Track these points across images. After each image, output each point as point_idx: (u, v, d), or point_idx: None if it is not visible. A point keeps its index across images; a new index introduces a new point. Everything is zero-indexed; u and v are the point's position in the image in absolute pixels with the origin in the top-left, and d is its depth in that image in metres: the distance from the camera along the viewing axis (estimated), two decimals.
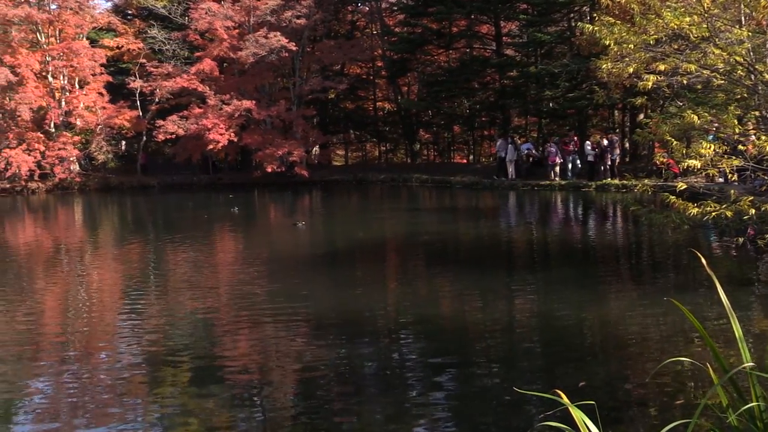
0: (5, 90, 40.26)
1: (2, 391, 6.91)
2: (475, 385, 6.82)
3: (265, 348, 8.08)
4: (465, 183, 32.70)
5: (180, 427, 6.05)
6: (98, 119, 42.99)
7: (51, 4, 42.54)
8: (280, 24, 39.19)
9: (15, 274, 14.40)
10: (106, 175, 44.09)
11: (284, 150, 38.87)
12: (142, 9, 47.23)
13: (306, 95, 42.22)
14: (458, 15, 39.17)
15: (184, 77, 40.21)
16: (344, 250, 16.08)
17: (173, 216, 27.06)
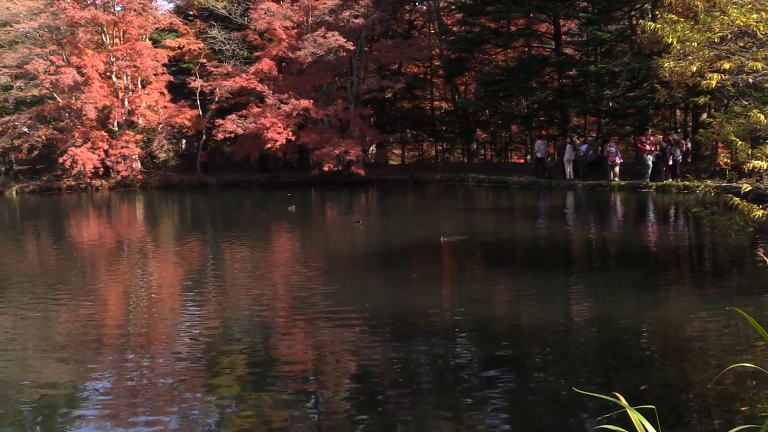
0: (72, 90, 41.30)
1: (65, 383, 7.09)
2: (532, 385, 6.76)
3: (321, 345, 8.13)
4: (522, 183, 32.42)
5: (236, 422, 6.12)
6: (160, 118, 43.83)
7: (116, 6, 43.49)
8: (338, 24, 39.38)
9: (79, 268, 14.77)
10: (166, 173, 44.89)
11: (341, 149, 39.06)
12: (203, 10, 47.94)
13: (363, 94, 42.35)
14: (517, 14, 38.83)
15: (244, 77, 40.70)
16: (400, 249, 16.08)
17: (232, 214, 27.42)
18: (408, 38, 45.99)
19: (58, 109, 43.02)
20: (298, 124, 40.56)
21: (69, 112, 42.73)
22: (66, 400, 6.64)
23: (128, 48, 42.74)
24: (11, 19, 42.26)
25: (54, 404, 6.51)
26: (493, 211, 25.14)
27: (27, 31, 43.11)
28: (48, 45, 42.83)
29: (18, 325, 9.52)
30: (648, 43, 23.91)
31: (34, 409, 6.43)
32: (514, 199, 28.04)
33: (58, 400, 6.62)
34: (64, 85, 40.40)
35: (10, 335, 9.04)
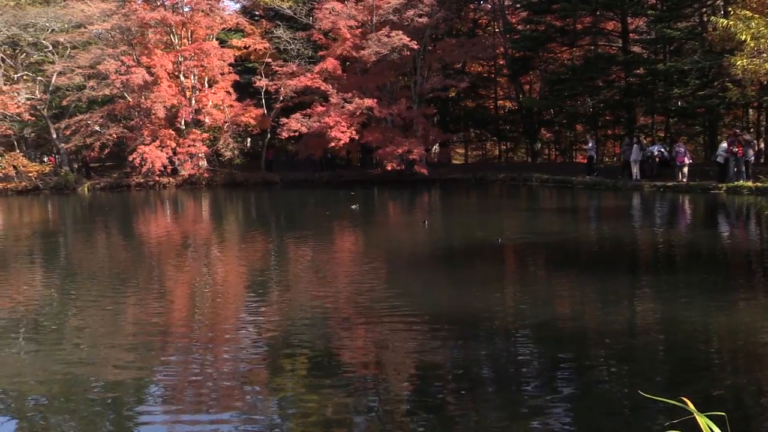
0: (141, 89, 42.24)
1: (132, 376, 7.25)
2: (595, 388, 6.65)
3: (382, 344, 8.13)
4: (587, 183, 31.98)
5: (297, 417, 6.17)
6: (225, 117, 44.53)
7: (184, 7, 44.33)
8: (402, 23, 39.41)
9: (147, 264, 15.10)
10: (231, 171, 45.60)
11: (404, 148, 39.09)
12: (268, 10, 48.53)
13: (427, 93, 42.31)
14: (583, 12, 38.28)
15: (308, 76, 41.06)
16: (462, 249, 16.01)
17: (295, 212, 27.67)
18: (472, 37, 45.76)
19: (129, 108, 44.09)
20: (361, 123, 40.72)
21: (139, 111, 43.74)
22: (132, 394, 6.79)
23: (196, 48, 43.52)
24: (85, 20, 43.47)
25: (121, 398, 6.66)
26: (556, 211, 24.84)
27: (99, 33, 44.28)
28: (119, 45, 43.93)
29: (88, 319, 9.77)
30: (719, 40, 23.34)
31: (103, 402, 6.59)
32: (578, 200, 27.65)
33: (125, 394, 6.77)
34: (134, 84, 41.38)
35: (80, 329, 9.28)
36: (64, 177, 46.08)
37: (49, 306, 10.69)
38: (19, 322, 9.57)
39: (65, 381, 7.09)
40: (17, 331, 9.13)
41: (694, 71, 31.51)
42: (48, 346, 8.38)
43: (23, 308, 10.51)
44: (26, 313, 10.12)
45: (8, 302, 11.07)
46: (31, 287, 12.60)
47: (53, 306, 10.70)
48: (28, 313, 10.16)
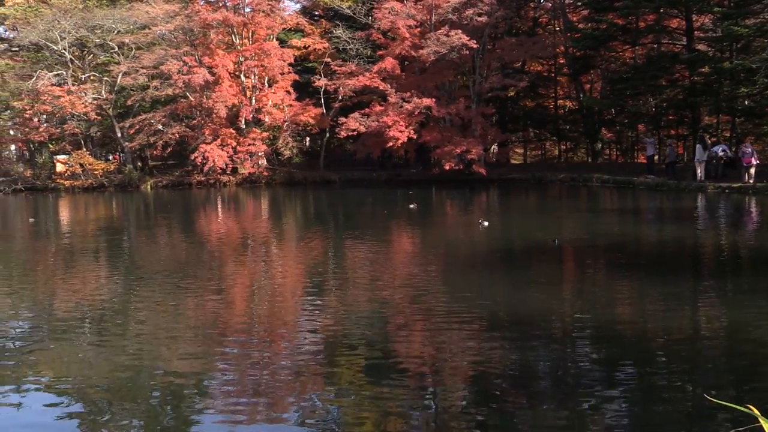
0: (203, 89, 42.94)
1: (192, 372, 7.37)
2: (656, 393, 6.52)
3: (439, 344, 8.11)
4: (649, 184, 31.42)
5: (354, 416, 6.19)
6: (285, 116, 45.00)
7: (245, 8, 44.90)
8: (462, 22, 39.27)
9: (207, 261, 15.33)
10: (290, 170, 46.08)
11: (462, 148, 38.97)
12: (328, 10, 48.86)
13: (485, 93, 42.09)
14: (646, 9, 37.56)
15: (367, 75, 41.22)
16: (521, 250, 15.87)
17: (353, 211, 27.79)
18: (532, 36, 45.34)
19: (191, 107, 44.87)
20: (419, 122, 40.74)
21: (200, 111, 44.49)
22: (192, 388, 6.89)
23: (256, 48, 44.06)
24: (149, 22, 44.39)
25: (181, 393, 6.77)
26: (617, 212, 24.44)
27: (163, 34, 45.16)
28: (182, 46, 44.76)
29: (150, 315, 9.96)
30: None
31: (164, 396, 6.71)
32: (640, 201, 27.17)
33: (185, 388, 6.88)
34: (196, 84, 42.08)
35: (143, 324, 9.47)
36: (128, 175, 47.14)
37: (113, 302, 10.93)
38: (84, 318, 9.81)
39: (128, 375, 7.25)
40: (82, 326, 9.36)
41: (762, 69, 30.67)
42: (111, 341, 8.57)
43: (88, 304, 10.78)
44: (91, 309, 10.37)
45: (74, 298, 11.36)
46: (95, 283, 12.90)
47: (117, 302, 10.94)
48: (93, 308, 10.41)
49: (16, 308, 10.70)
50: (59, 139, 50.02)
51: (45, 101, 45.08)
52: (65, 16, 44.83)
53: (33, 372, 7.46)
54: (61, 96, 44.59)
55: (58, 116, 47.28)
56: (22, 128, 50.37)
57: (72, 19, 44.75)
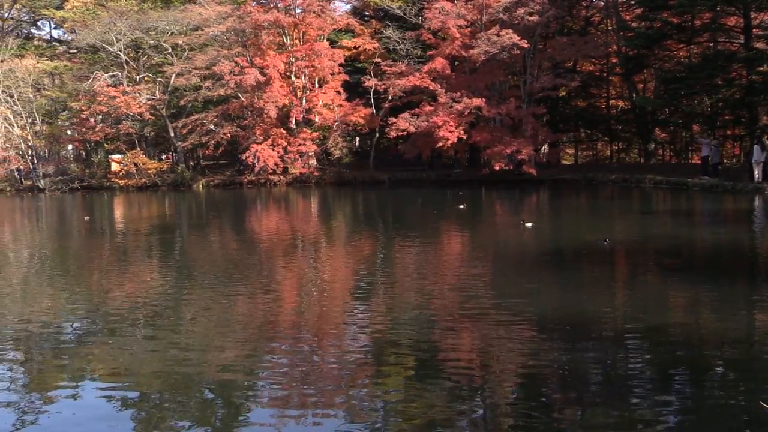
0: (254, 89, 43.39)
1: (242, 369, 7.45)
2: (710, 398, 6.39)
3: (487, 346, 8.07)
4: (703, 185, 30.82)
5: (401, 415, 6.19)
6: (335, 116, 45.22)
7: (296, 9, 45.23)
8: (512, 21, 39.02)
9: (258, 259, 15.49)
10: (340, 170, 46.30)
11: (513, 148, 38.71)
12: (378, 10, 48.96)
13: (536, 93, 41.74)
14: (702, 7, 36.75)
15: (417, 76, 41.19)
16: (571, 251, 15.70)
17: (402, 211, 27.80)
18: (584, 35, 44.79)
19: (242, 107, 45.38)
20: (469, 122, 40.58)
21: (251, 111, 44.98)
22: (242, 386, 6.97)
23: (307, 48, 44.35)
24: (202, 23, 45.03)
25: (231, 388, 6.86)
26: (670, 214, 24.02)
27: (215, 35, 45.75)
28: (234, 47, 45.30)
29: (201, 311, 10.11)
30: None
31: (214, 391, 6.80)
32: (694, 202, 26.68)
33: (234, 385, 6.96)
34: (248, 85, 42.53)
35: (194, 321, 9.61)
36: (181, 174, 47.88)
37: (165, 299, 11.12)
38: (137, 314, 9.99)
39: (179, 372, 7.36)
40: (135, 322, 9.53)
41: None
42: (164, 338, 8.71)
43: (141, 301, 10.97)
44: (144, 306, 10.56)
45: (127, 295, 11.58)
46: (148, 281, 13.13)
47: (169, 299, 11.12)
48: (146, 305, 10.60)
49: (72, 304, 10.95)
50: (114, 138, 51.05)
51: (101, 102, 46.04)
52: (121, 18, 45.72)
53: (88, 367, 7.63)
54: (117, 96, 45.49)
55: (113, 116, 48.24)
56: (79, 128, 51.50)
57: (127, 21, 45.63)
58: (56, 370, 7.63)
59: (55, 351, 8.35)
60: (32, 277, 13.90)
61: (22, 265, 15.53)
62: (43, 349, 8.41)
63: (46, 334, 9.00)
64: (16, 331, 9.19)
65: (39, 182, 49.75)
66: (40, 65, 52.14)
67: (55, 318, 9.94)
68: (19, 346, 8.55)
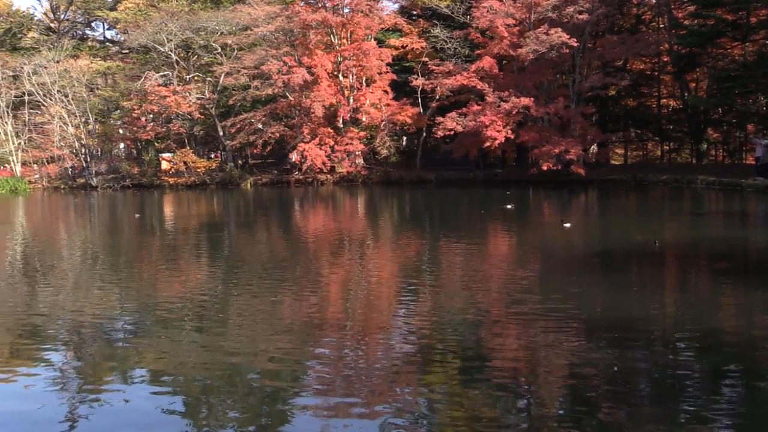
0: (302, 89, 43.67)
1: (288, 365, 7.49)
2: (761, 403, 6.25)
3: (534, 346, 7.99)
4: (758, 186, 30.14)
5: (446, 414, 6.17)
6: (382, 116, 45.25)
7: (344, 8, 45.38)
8: (561, 20, 38.66)
9: (305, 257, 15.57)
10: (387, 169, 46.32)
11: (561, 148, 38.35)
12: (426, 9, 48.87)
13: (585, 92, 41.29)
14: (758, 4, 35.98)
15: (464, 75, 41.05)
16: (620, 252, 15.47)
17: (449, 211, 27.71)
18: (635, 33, 44.15)
19: (290, 106, 45.70)
20: (517, 122, 40.30)
21: (299, 110, 45.27)
22: (288, 381, 7.01)
23: (355, 48, 44.46)
24: (251, 23, 45.49)
25: (278, 385, 6.89)
26: (723, 215, 23.56)
27: (264, 35, 46.15)
28: (282, 47, 45.65)
29: (249, 308, 10.19)
30: None
31: (261, 388, 6.85)
32: (747, 203, 26.11)
33: (281, 381, 7.00)
34: (295, 84, 42.82)
35: (242, 317, 9.70)
36: (229, 173, 48.41)
37: (213, 296, 11.24)
38: (186, 311, 10.11)
39: (226, 367, 7.43)
40: (184, 319, 9.64)
41: None
42: (211, 335, 8.80)
43: (190, 298, 11.10)
44: (192, 303, 10.68)
45: (176, 292, 11.73)
46: (197, 278, 13.29)
47: (217, 296, 11.24)
48: (194, 302, 10.72)
49: (123, 301, 11.14)
50: (164, 137, 51.84)
51: (152, 101, 46.79)
52: (172, 18, 46.39)
53: (138, 362, 7.74)
54: (167, 96, 46.18)
55: (163, 115, 48.95)
56: (130, 127, 52.39)
57: (178, 22, 46.28)
58: (107, 363, 7.76)
59: (106, 345, 8.51)
60: (85, 273, 14.16)
61: (75, 262, 15.84)
62: (94, 343, 8.57)
63: (97, 329, 9.16)
64: (69, 326, 9.37)
65: (91, 180, 50.72)
66: (93, 65, 53.26)
67: (106, 313, 10.11)
68: (71, 340, 8.72)
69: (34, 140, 53.61)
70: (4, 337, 9.03)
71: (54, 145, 52.09)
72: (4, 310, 10.53)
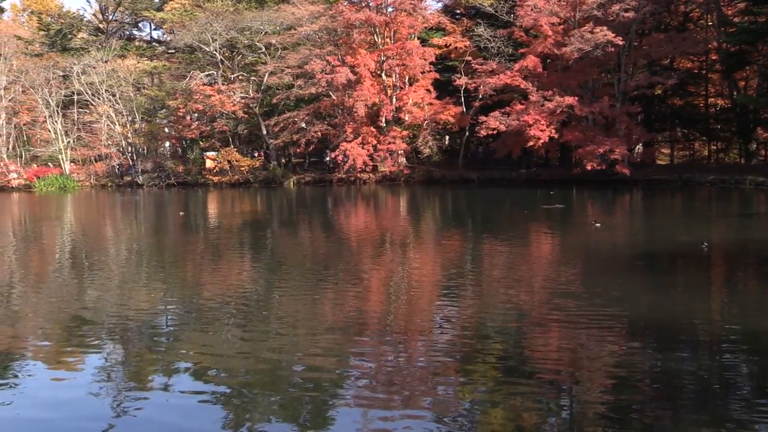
0: (345, 88, 43.80)
1: (329, 363, 7.53)
2: None
3: (576, 347, 7.91)
4: None
5: (487, 416, 6.14)
6: (425, 115, 45.21)
7: (388, 7, 45.42)
8: (607, 18, 38.21)
9: (346, 256, 15.62)
10: (429, 169, 46.24)
11: (605, 147, 37.92)
12: (469, 8, 48.66)
13: (631, 91, 40.77)
14: None
15: (508, 74, 40.80)
16: (665, 253, 15.24)
17: (492, 210, 27.57)
18: (682, 31, 43.44)
19: (333, 106, 45.87)
20: (561, 121, 39.94)
21: (342, 109, 45.40)
22: (329, 379, 7.04)
23: (398, 47, 44.47)
24: (295, 23, 45.76)
25: (318, 384, 6.92)
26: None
27: (308, 34, 46.38)
28: (325, 46, 45.85)
29: (291, 307, 10.26)
30: None
31: (301, 386, 6.89)
32: None
33: (322, 379, 7.03)
34: (339, 83, 42.96)
35: (283, 316, 9.76)
36: (272, 171, 48.77)
37: (256, 294, 11.33)
38: (229, 309, 10.21)
39: (269, 362, 7.51)
40: (227, 316, 9.74)
41: None
42: (254, 332, 8.88)
43: (233, 295, 11.21)
44: (235, 300, 10.79)
45: (220, 289, 11.85)
46: (240, 275, 13.41)
47: (260, 294, 11.33)
48: (237, 299, 10.82)
49: (167, 296, 11.30)
50: (209, 136, 52.38)
51: (197, 100, 47.31)
52: (217, 18, 46.87)
53: (181, 358, 7.84)
54: (212, 95, 46.66)
55: (208, 114, 49.47)
56: (175, 126, 53.06)
57: (223, 22, 46.74)
58: (151, 356, 7.90)
59: (150, 338, 8.65)
60: (130, 269, 14.39)
61: (121, 258, 16.10)
62: (139, 337, 8.71)
63: (142, 323, 9.31)
64: (115, 320, 9.54)
65: (138, 178, 51.47)
66: (140, 65, 54.09)
67: (151, 308, 10.27)
68: (117, 334, 8.87)
69: (83, 139, 54.64)
70: (53, 329, 9.27)
71: (101, 143, 53.00)
72: (54, 303, 10.81)
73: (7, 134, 55.87)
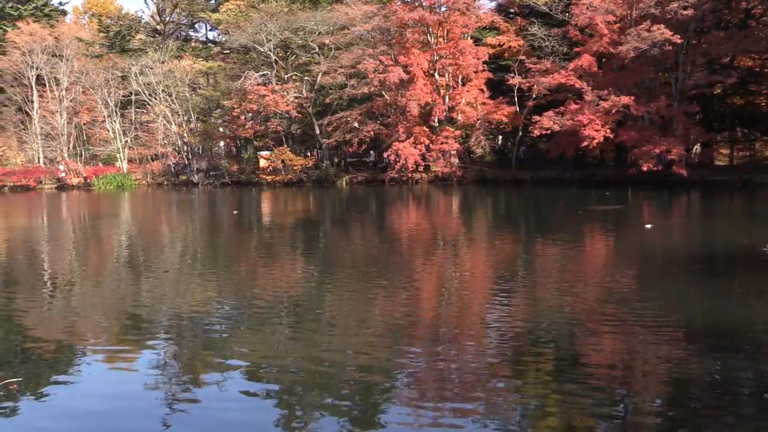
0: (398, 87, 43.84)
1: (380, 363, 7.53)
2: None
3: (630, 351, 7.77)
4: None
5: (539, 418, 6.07)
6: (478, 114, 45.00)
7: (441, 7, 45.32)
8: (664, 16, 37.51)
9: (398, 256, 15.62)
10: (482, 169, 46.01)
11: (662, 148, 37.25)
12: (523, 7, 48.30)
13: (689, 90, 39.96)
14: None
15: (562, 73, 40.37)
16: (723, 257, 14.90)
17: (545, 211, 27.31)
18: (743, 28, 42.40)
19: (386, 105, 45.93)
20: (616, 121, 39.36)
21: (395, 109, 45.44)
22: (380, 379, 7.04)
23: (451, 46, 44.37)
24: (348, 23, 45.96)
25: (369, 384, 6.93)
26: None
27: (361, 34, 46.58)
28: (378, 46, 45.95)
29: (342, 307, 10.30)
30: None
31: (352, 386, 6.90)
32: None
33: (373, 378, 7.04)
34: (391, 83, 43.02)
35: (335, 315, 9.80)
36: (325, 171, 49.08)
37: (308, 293, 11.40)
38: (281, 308, 10.29)
39: (320, 360, 7.54)
40: (279, 315, 9.82)
41: None
42: (306, 332, 8.93)
43: (285, 294, 11.29)
44: (287, 299, 10.86)
45: (272, 288, 11.95)
46: (292, 274, 13.50)
47: (312, 293, 11.40)
48: (289, 299, 10.90)
49: (220, 294, 11.43)
50: (263, 136, 52.95)
51: (251, 100, 47.84)
52: (271, 19, 47.33)
53: (234, 357, 7.92)
54: (266, 95, 47.15)
55: (262, 114, 50.00)
56: (230, 125, 53.73)
57: (277, 22, 47.19)
58: (204, 353, 8.01)
59: (203, 335, 8.78)
60: (185, 267, 14.60)
61: (176, 255, 16.35)
62: (193, 334, 8.84)
63: (196, 320, 9.44)
64: (170, 317, 9.70)
65: (193, 177, 52.28)
66: (196, 66, 54.93)
67: (204, 305, 10.40)
68: (170, 334, 9.00)
69: (140, 138, 55.75)
70: (109, 325, 9.48)
71: (158, 142, 54.01)
72: (110, 299, 11.03)
73: (68, 134, 57.34)
